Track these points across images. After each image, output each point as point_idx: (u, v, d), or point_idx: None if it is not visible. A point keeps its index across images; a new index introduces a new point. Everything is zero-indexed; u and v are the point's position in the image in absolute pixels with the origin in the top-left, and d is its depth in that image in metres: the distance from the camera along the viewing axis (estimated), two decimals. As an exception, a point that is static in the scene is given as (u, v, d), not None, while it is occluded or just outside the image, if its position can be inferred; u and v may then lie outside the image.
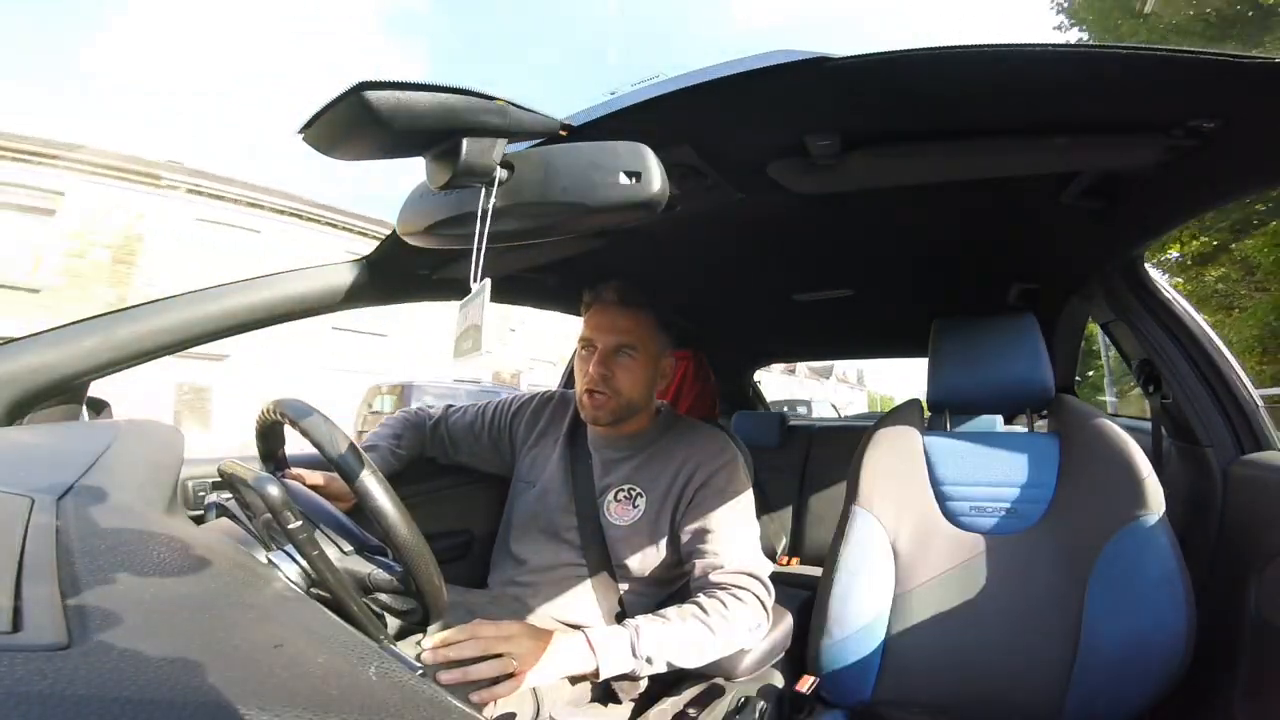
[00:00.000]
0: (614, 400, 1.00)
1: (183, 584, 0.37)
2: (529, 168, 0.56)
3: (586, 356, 1.02)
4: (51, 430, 0.73)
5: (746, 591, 0.91)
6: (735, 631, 0.88)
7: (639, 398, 1.03)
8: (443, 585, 0.60)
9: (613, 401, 1.00)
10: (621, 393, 1.00)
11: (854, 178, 0.78)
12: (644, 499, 1.02)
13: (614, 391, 1.00)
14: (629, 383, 1.00)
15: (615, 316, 1.01)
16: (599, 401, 1.00)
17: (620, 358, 1.00)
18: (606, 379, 0.99)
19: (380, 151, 0.53)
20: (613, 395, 1.00)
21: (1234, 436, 1.01)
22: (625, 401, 1.01)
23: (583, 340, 1.03)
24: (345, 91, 0.44)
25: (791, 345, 2.45)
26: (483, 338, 0.53)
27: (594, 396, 1.00)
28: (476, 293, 0.55)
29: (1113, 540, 0.89)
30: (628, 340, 1.00)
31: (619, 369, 1.00)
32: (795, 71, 0.58)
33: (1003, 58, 0.57)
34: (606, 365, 0.99)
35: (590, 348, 1.02)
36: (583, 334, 1.04)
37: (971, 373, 1.12)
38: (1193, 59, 0.54)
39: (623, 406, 1.01)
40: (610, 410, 1.01)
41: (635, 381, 1.01)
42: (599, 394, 0.99)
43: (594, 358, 1.00)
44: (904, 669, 0.97)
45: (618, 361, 1.00)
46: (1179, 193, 0.84)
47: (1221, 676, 0.87)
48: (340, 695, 0.30)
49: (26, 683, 0.22)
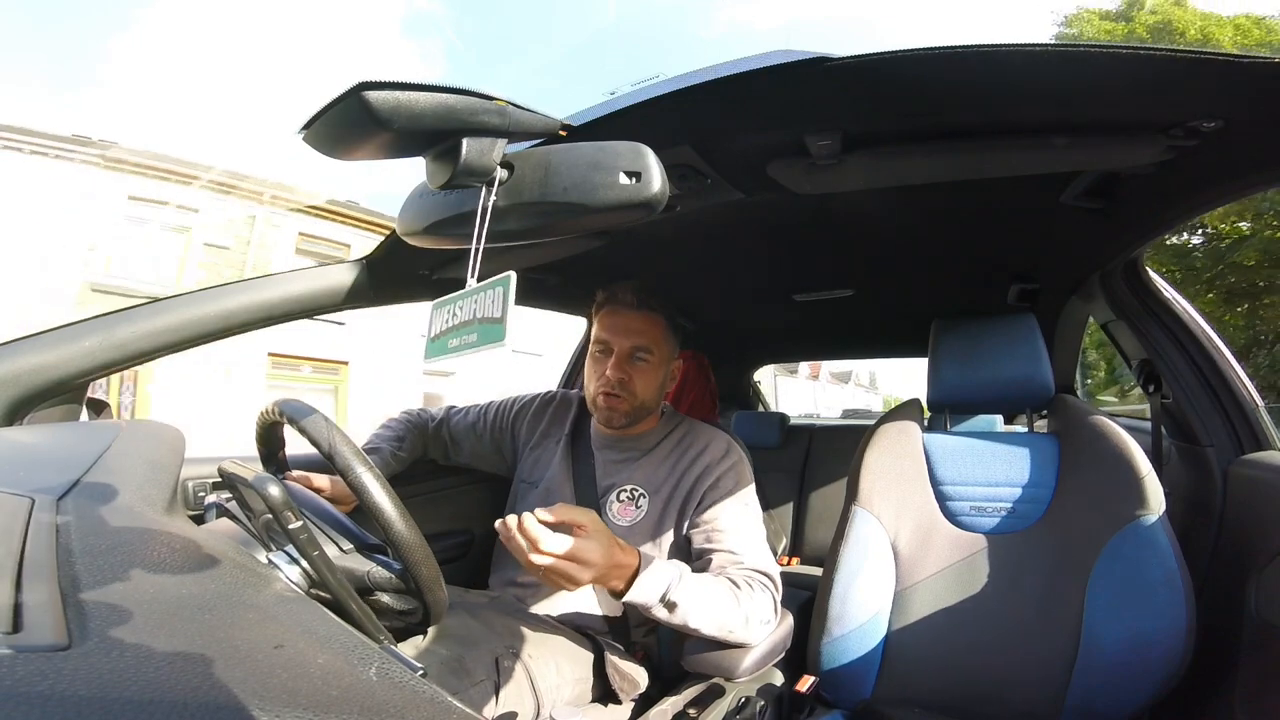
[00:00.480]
0: (630, 403, 1.01)
1: (183, 584, 0.37)
2: (529, 168, 0.56)
3: (601, 358, 1.02)
4: (51, 430, 0.73)
5: (763, 586, 0.91)
6: (754, 614, 0.88)
7: (652, 400, 1.04)
8: (442, 583, 0.60)
9: (629, 404, 1.01)
10: (638, 395, 1.01)
11: (854, 178, 0.78)
12: (647, 499, 1.02)
13: (630, 394, 1.01)
14: (644, 385, 1.01)
15: (631, 319, 1.01)
16: (615, 404, 1.00)
17: (636, 361, 1.01)
18: (624, 382, 1.00)
19: (380, 152, 0.53)
20: (629, 398, 1.01)
21: (1234, 436, 1.01)
22: (640, 404, 1.02)
23: (598, 342, 1.03)
24: (345, 92, 0.44)
25: (791, 345, 2.45)
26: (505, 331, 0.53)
27: (610, 399, 1.01)
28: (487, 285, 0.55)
29: (1113, 540, 0.89)
30: (644, 343, 1.01)
31: (635, 372, 1.01)
32: (795, 71, 0.58)
33: (1003, 58, 0.57)
34: (624, 369, 1.00)
35: (606, 350, 1.02)
36: (596, 335, 1.04)
37: (971, 372, 1.12)
38: (1193, 59, 0.54)
39: (638, 409, 1.02)
40: (626, 413, 1.02)
41: (650, 384, 1.02)
42: (616, 396, 1.00)
43: (610, 360, 1.00)
44: (904, 669, 0.97)
45: (634, 365, 1.01)
46: (1179, 193, 0.84)
47: (1221, 676, 0.87)
48: (341, 696, 0.30)
49: (26, 683, 0.22)
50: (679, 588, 0.81)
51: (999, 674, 0.93)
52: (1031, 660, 0.91)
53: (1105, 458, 0.94)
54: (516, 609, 0.98)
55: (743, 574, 0.91)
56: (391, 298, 1.10)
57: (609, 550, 0.76)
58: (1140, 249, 1.08)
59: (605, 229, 0.85)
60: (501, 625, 0.88)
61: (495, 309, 0.55)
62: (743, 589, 0.88)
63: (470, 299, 0.59)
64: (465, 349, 0.59)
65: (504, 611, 0.96)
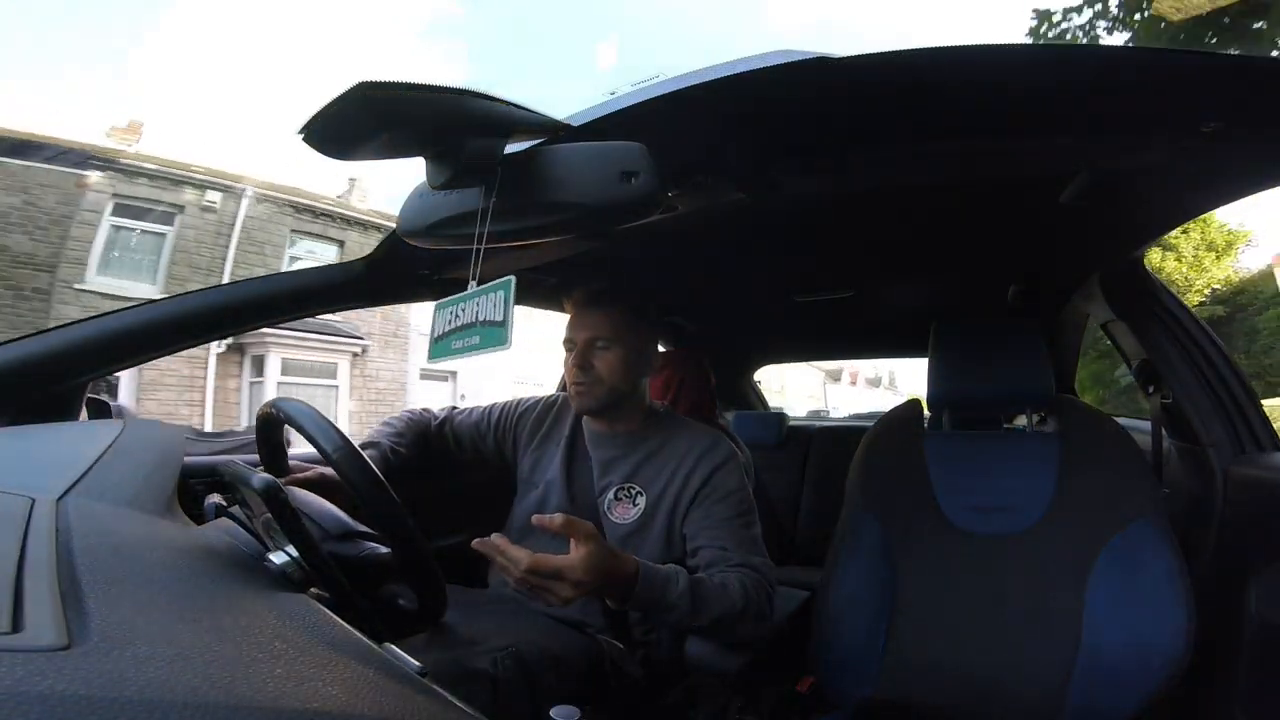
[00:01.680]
0: (597, 388, 1.05)
1: (183, 584, 0.37)
2: (529, 168, 0.56)
3: (569, 354, 1.08)
4: (51, 430, 0.73)
5: (757, 585, 0.91)
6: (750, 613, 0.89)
7: (621, 383, 1.07)
8: (438, 571, 0.60)
9: (596, 389, 1.05)
10: (602, 380, 1.05)
11: (854, 178, 0.78)
12: (644, 497, 1.03)
13: (594, 380, 1.05)
14: (606, 370, 1.05)
15: (584, 315, 1.07)
16: (581, 390, 1.06)
17: (595, 350, 1.06)
18: (584, 369, 1.05)
19: (381, 151, 0.53)
20: (594, 383, 1.05)
21: (1234, 436, 1.01)
22: (608, 388, 1.06)
23: (565, 340, 1.09)
24: (345, 92, 0.44)
25: (792, 345, 2.45)
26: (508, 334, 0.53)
27: (576, 386, 1.06)
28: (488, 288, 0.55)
29: (1113, 540, 0.89)
30: (599, 334, 1.06)
31: (597, 360, 1.05)
32: (795, 71, 0.58)
33: (1003, 58, 0.57)
34: (583, 357, 1.06)
35: (570, 345, 1.08)
36: (565, 335, 1.10)
37: (971, 373, 1.12)
38: (1194, 59, 0.54)
39: (606, 393, 1.06)
40: (595, 397, 1.06)
41: (612, 368, 1.05)
42: (579, 383, 1.06)
43: (574, 354, 1.06)
44: (903, 669, 0.97)
45: (595, 354, 1.06)
46: (1179, 193, 0.84)
47: (1221, 676, 0.87)
48: (341, 696, 0.30)
49: (26, 683, 0.22)
50: (676, 593, 0.82)
51: (999, 674, 0.93)
52: (1031, 661, 0.91)
53: (1106, 458, 0.94)
54: (516, 608, 0.99)
55: (739, 572, 0.91)
56: (391, 298, 1.10)
57: (601, 567, 0.77)
58: (1140, 249, 1.08)
59: (604, 229, 0.85)
60: (501, 624, 0.88)
61: (497, 312, 0.55)
62: (740, 588, 0.89)
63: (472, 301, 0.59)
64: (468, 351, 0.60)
65: (503, 610, 0.96)
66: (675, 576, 0.84)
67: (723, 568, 0.92)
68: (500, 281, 0.55)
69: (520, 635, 0.86)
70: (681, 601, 0.82)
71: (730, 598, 0.87)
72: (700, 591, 0.84)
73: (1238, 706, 0.83)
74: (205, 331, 0.90)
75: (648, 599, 0.81)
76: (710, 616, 0.84)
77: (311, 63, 43.44)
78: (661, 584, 0.82)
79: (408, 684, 0.35)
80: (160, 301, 0.88)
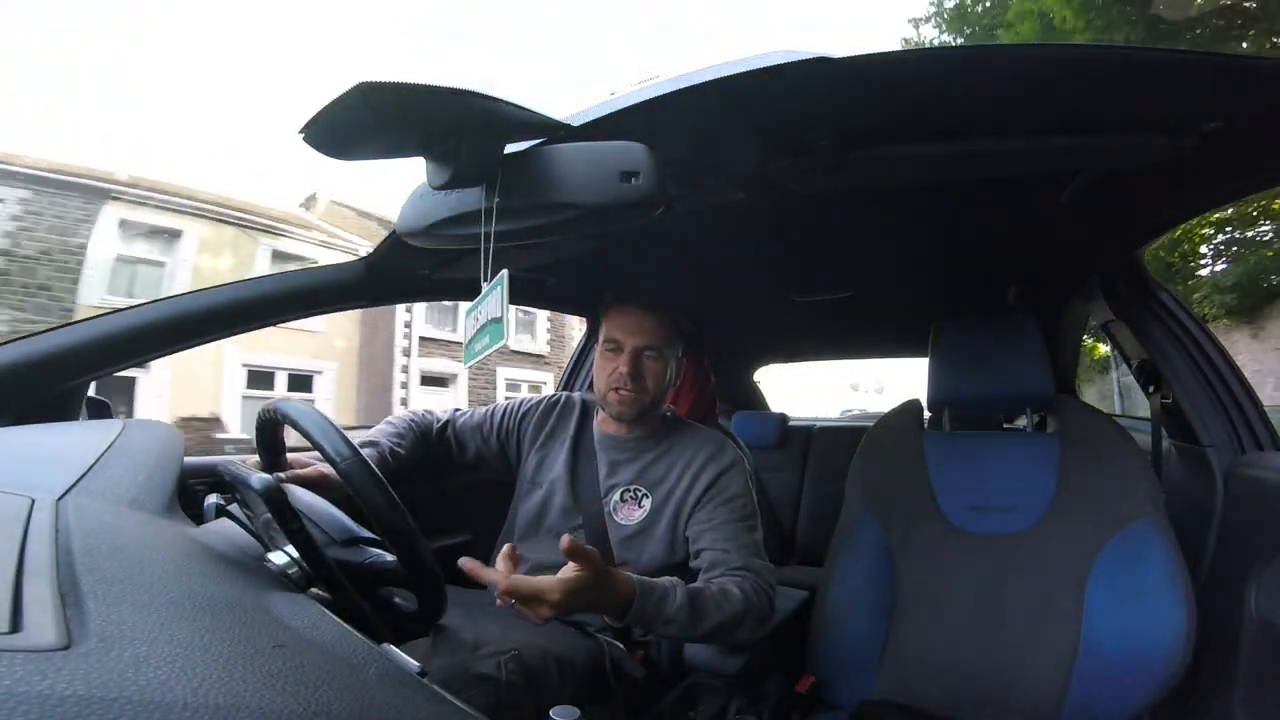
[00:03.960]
0: (642, 397, 1.04)
1: (182, 584, 0.37)
2: (529, 168, 0.56)
3: (612, 355, 1.05)
4: (51, 430, 0.73)
5: (757, 587, 0.92)
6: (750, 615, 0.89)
7: (661, 394, 1.07)
8: (439, 571, 0.60)
9: (642, 398, 1.04)
10: (648, 390, 1.04)
11: (854, 178, 0.78)
12: (649, 499, 1.04)
13: (642, 390, 1.04)
14: (653, 380, 1.05)
15: (642, 319, 1.05)
16: (626, 398, 1.03)
17: (646, 358, 1.04)
18: (635, 377, 1.03)
19: (381, 151, 0.53)
20: (641, 392, 1.04)
21: (1234, 436, 1.01)
22: (651, 398, 1.05)
23: (609, 340, 1.07)
24: (345, 92, 0.44)
25: (792, 346, 2.45)
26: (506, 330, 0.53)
27: (621, 393, 1.04)
28: (490, 289, 0.56)
29: (1113, 540, 0.89)
30: (653, 341, 1.04)
31: (646, 369, 1.04)
32: (795, 71, 0.58)
33: (1003, 58, 0.57)
34: (635, 365, 1.03)
35: (617, 348, 1.05)
36: (607, 333, 1.07)
37: (971, 373, 1.12)
38: (1194, 59, 0.54)
39: (650, 402, 1.06)
40: (638, 406, 1.05)
41: (658, 379, 1.05)
42: (627, 391, 1.03)
43: (622, 357, 1.04)
44: (904, 669, 0.97)
45: (644, 361, 1.04)
46: (1179, 193, 0.84)
47: (1221, 676, 0.87)
48: (341, 696, 0.30)
49: (26, 683, 0.22)
50: (674, 607, 0.82)
51: (999, 674, 0.93)
52: (1031, 661, 0.91)
53: (1106, 458, 0.94)
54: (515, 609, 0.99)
55: (739, 575, 0.91)
56: (391, 298, 1.10)
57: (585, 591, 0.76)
58: (1140, 249, 1.08)
59: (604, 229, 0.85)
60: (501, 625, 0.88)
61: (496, 308, 0.56)
62: (740, 593, 0.89)
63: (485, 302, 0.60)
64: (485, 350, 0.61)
65: (504, 611, 0.96)
66: (673, 591, 0.83)
67: (724, 570, 0.92)
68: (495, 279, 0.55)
69: (522, 638, 0.86)
70: (680, 615, 0.82)
71: (731, 604, 0.87)
72: (698, 603, 0.84)
73: (1238, 707, 0.83)
74: (205, 331, 0.90)
75: (645, 616, 0.81)
76: (709, 626, 0.84)
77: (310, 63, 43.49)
78: (658, 600, 0.82)
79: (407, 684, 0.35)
80: (160, 301, 0.88)
